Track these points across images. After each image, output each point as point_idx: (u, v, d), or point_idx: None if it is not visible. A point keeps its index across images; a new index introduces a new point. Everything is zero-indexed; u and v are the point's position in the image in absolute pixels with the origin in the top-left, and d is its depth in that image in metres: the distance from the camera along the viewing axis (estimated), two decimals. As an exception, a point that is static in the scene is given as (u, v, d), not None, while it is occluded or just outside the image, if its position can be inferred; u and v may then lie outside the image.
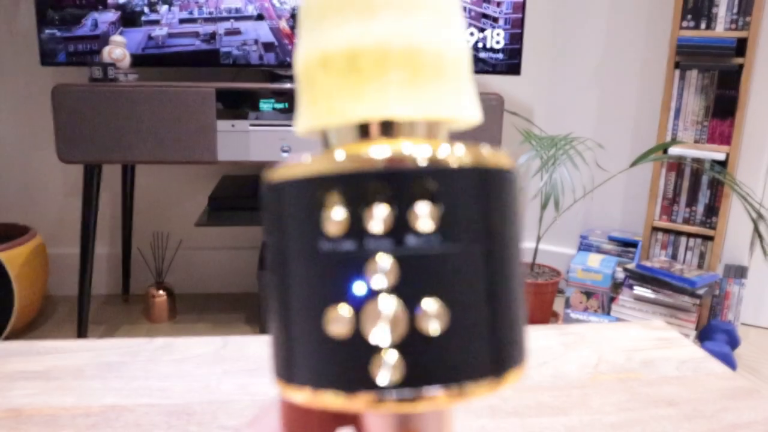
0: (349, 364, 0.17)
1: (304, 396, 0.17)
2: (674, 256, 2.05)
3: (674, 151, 1.95)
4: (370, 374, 0.16)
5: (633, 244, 2.12)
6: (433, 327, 0.16)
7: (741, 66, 1.84)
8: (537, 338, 0.56)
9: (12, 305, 1.73)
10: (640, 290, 1.90)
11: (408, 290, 0.16)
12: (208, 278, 2.19)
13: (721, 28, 1.85)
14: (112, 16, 1.76)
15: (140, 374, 0.47)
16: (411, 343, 0.16)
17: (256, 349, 0.51)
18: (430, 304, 0.16)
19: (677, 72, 1.94)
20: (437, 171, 0.17)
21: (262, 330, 1.83)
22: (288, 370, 0.18)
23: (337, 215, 0.16)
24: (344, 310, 0.16)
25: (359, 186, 0.17)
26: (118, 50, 1.66)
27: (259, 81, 1.84)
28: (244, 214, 1.75)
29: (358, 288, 0.16)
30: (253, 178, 2.04)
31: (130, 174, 2.04)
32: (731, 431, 0.42)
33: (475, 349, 0.17)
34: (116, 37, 1.68)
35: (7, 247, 1.74)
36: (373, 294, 0.16)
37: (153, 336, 0.55)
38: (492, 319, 0.17)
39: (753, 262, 2.05)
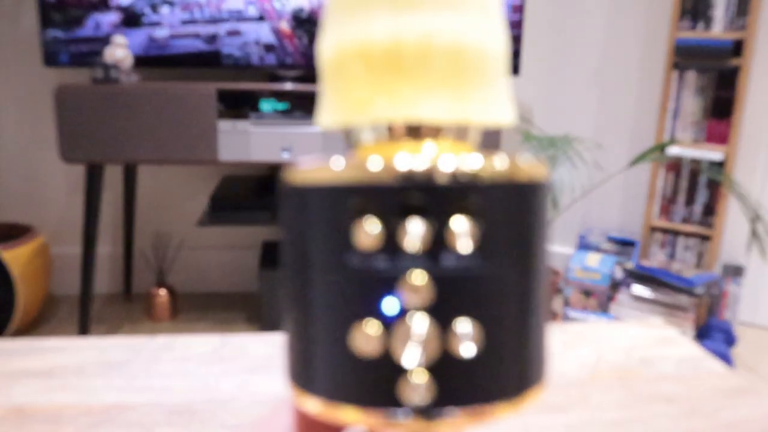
0: (375, 381, 0.16)
1: (319, 407, 0.17)
2: (672, 256, 2.06)
3: (672, 151, 1.96)
4: (397, 394, 0.16)
5: (631, 244, 2.13)
6: (466, 349, 0.16)
7: (738, 67, 1.86)
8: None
9: (14, 304, 1.74)
10: (638, 289, 1.92)
11: (442, 310, 0.16)
12: (210, 277, 2.19)
13: (719, 29, 1.86)
14: (114, 17, 1.77)
15: (142, 373, 0.47)
16: (441, 365, 0.16)
17: (256, 348, 0.51)
18: (464, 326, 0.16)
19: (675, 73, 1.95)
20: (478, 186, 0.16)
21: (263, 328, 1.84)
22: (305, 379, 0.17)
23: (369, 229, 0.16)
24: (373, 327, 0.16)
25: (395, 199, 0.16)
26: (120, 51, 1.67)
27: (260, 82, 1.85)
28: (246, 213, 1.76)
29: (389, 306, 0.16)
30: (254, 178, 2.05)
31: (131, 174, 2.05)
32: (729, 429, 0.43)
33: (504, 370, 0.16)
34: (118, 38, 1.69)
35: (9, 247, 1.75)
36: (404, 313, 0.16)
37: (155, 335, 0.55)
38: (522, 340, 0.17)
39: (750, 261, 2.06)
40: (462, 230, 0.16)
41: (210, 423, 0.41)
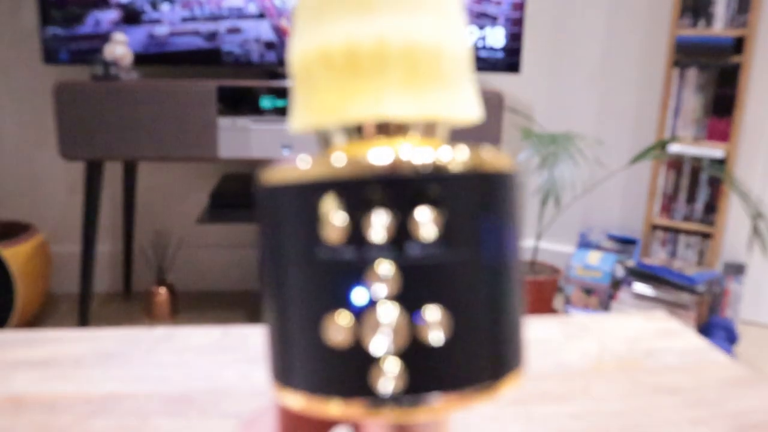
0: (349, 372, 0.16)
1: (301, 402, 0.17)
2: (673, 254, 2.06)
3: (673, 148, 1.96)
4: (370, 383, 0.16)
5: (632, 242, 2.13)
6: (435, 336, 0.16)
7: (739, 64, 1.85)
8: (539, 329, 0.57)
9: (14, 303, 1.73)
10: (639, 287, 1.91)
11: (409, 299, 0.16)
12: (210, 276, 2.19)
13: (720, 27, 1.86)
14: (114, 14, 1.77)
15: (140, 363, 0.47)
16: (412, 352, 0.16)
17: (257, 340, 0.51)
18: (432, 313, 0.16)
19: (676, 70, 1.94)
20: (439, 176, 0.16)
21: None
22: (284, 375, 0.18)
23: (335, 222, 0.16)
24: (343, 318, 0.16)
25: (359, 192, 0.16)
26: (120, 48, 1.66)
27: (260, 79, 1.84)
28: (245, 211, 1.75)
29: (358, 296, 0.16)
30: (254, 176, 2.04)
31: (131, 172, 2.04)
32: (735, 418, 0.43)
33: (476, 356, 0.17)
34: (118, 36, 1.68)
35: (9, 245, 1.75)
36: (373, 302, 0.16)
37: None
38: (493, 326, 0.17)
39: (752, 259, 2.06)
40: (424, 219, 0.16)
41: (209, 412, 0.40)
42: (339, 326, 0.16)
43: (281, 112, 1.64)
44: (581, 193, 2.20)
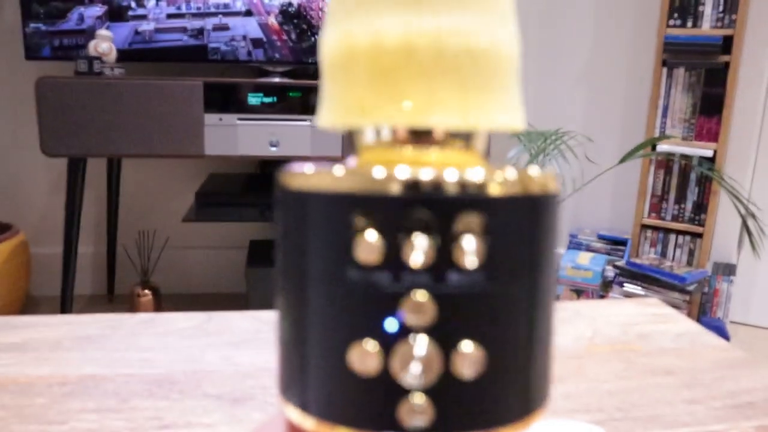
0: (373, 402, 0.15)
1: (313, 425, 0.16)
2: (663, 254, 2.06)
3: (663, 147, 1.96)
4: (395, 416, 0.15)
5: (622, 242, 2.12)
6: (469, 371, 0.15)
7: (727, 63, 1.86)
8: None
9: (-7, 303, 1.69)
10: (630, 287, 1.90)
11: (445, 331, 0.15)
12: (195, 277, 2.16)
13: (708, 26, 1.86)
14: (98, 10, 1.74)
15: (121, 346, 0.45)
16: (442, 388, 0.15)
17: (241, 324, 0.50)
18: (468, 347, 0.15)
19: (664, 70, 1.95)
20: (487, 200, 0.15)
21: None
22: (299, 396, 0.17)
23: (371, 242, 0.15)
24: (372, 346, 0.15)
25: (399, 212, 0.15)
26: (105, 44, 1.64)
27: (247, 77, 1.82)
28: (232, 210, 1.73)
29: (390, 325, 0.15)
30: (241, 175, 2.02)
31: (115, 171, 2.01)
32: (731, 397, 0.42)
33: (509, 394, 0.16)
34: (102, 31, 1.66)
35: (-12, 245, 1.71)
36: (405, 331, 0.15)
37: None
38: (528, 362, 0.16)
39: (741, 259, 2.06)
40: (468, 246, 0.15)
41: (191, 393, 0.39)
42: (367, 354, 0.15)
43: (268, 108, 1.62)
44: (571, 192, 2.19)
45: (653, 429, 0.37)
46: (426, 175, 0.15)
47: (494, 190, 0.15)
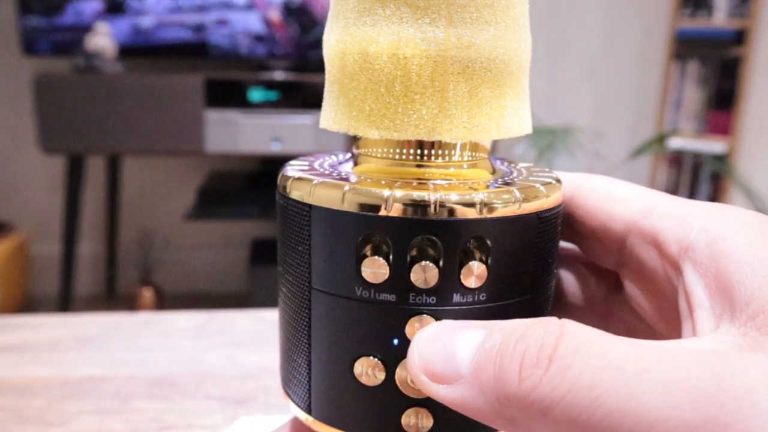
0: (379, 411, 0.16)
1: (320, 429, 0.17)
2: (674, 252, 2.02)
3: (674, 143, 1.92)
4: (400, 424, 0.16)
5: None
6: None
7: (741, 56, 1.82)
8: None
9: (-10, 305, 1.66)
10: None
11: None
12: (197, 276, 2.13)
13: (721, 18, 1.82)
14: (96, 5, 1.71)
15: (121, 347, 0.44)
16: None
17: (244, 323, 0.48)
18: None
19: (676, 62, 1.91)
20: (490, 221, 0.15)
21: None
22: (306, 402, 0.17)
23: (380, 261, 0.15)
24: (378, 360, 0.16)
25: (409, 233, 0.15)
26: (103, 40, 1.60)
27: (248, 72, 1.79)
28: (233, 208, 1.70)
29: (397, 341, 0.16)
30: (243, 173, 1.99)
31: (115, 169, 1.98)
32: None
33: None
34: (101, 27, 1.62)
35: (-15, 244, 1.68)
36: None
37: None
38: None
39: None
40: (471, 267, 0.15)
41: (192, 394, 0.38)
42: (373, 367, 0.16)
43: (270, 105, 1.59)
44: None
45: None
46: (431, 197, 0.15)
47: (497, 211, 0.15)
